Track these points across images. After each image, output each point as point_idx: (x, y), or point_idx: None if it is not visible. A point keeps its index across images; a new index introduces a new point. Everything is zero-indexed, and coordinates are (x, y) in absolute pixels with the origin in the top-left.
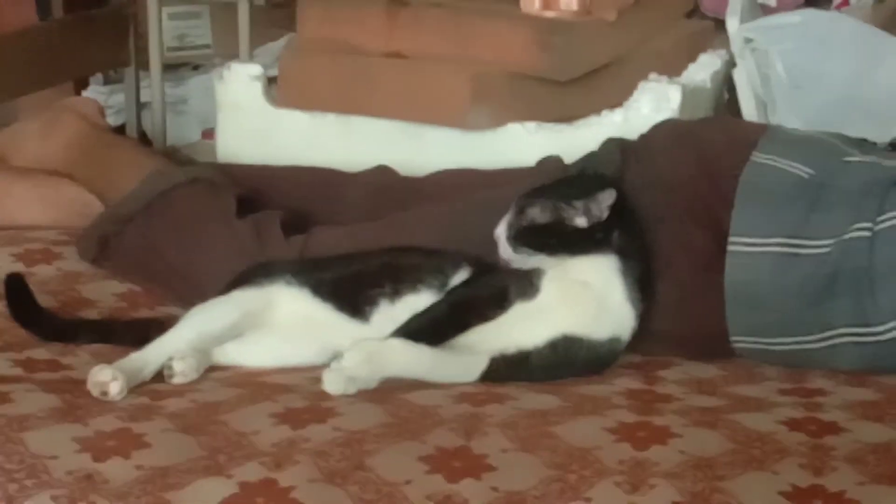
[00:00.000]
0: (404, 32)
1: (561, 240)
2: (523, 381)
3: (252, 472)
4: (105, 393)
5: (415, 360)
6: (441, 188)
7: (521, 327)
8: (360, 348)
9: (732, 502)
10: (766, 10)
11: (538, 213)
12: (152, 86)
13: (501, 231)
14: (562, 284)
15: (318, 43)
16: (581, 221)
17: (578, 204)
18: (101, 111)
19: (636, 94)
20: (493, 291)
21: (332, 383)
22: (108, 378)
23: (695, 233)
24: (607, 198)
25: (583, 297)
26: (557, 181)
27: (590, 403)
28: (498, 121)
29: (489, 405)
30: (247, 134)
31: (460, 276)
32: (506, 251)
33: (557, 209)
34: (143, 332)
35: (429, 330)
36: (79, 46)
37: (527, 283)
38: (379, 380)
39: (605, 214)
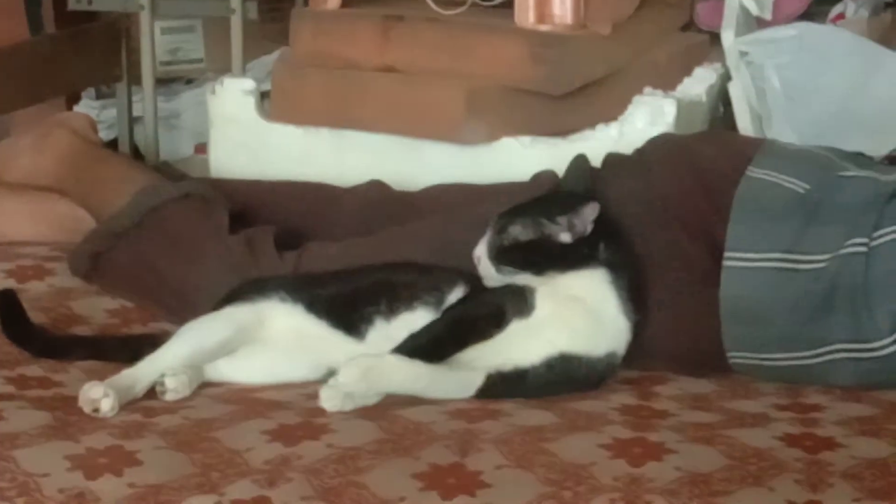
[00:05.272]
0: (398, 46)
1: (546, 257)
2: (519, 398)
3: (245, 489)
4: (97, 410)
5: (410, 375)
6: (435, 203)
7: (518, 345)
8: (355, 364)
9: None
10: (762, 24)
11: (520, 231)
12: (145, 100)
13: (482, 251)
14: (555, 301)
15: (312, 57)
16: (565, 237)
17: (561, 219)
18: (94, 126)
19: (631, 108)
20: (490, 310)
21: (330, 400)
22: (99, 395)
23: (690, 247)
24: (591, 212)
25: (577, 313)
26: (535, 199)
27: (585, 419)
28: (492, 135)
29: (484, 421)
30: (240, 148)
31: (456, 294)
32: (487, 271)
33: (540, 226)
34: (135, 348)
35: (427, 349)
36: (71, 61)
37: (521, 301)
38: (377, 396)
39: (590, 229)
